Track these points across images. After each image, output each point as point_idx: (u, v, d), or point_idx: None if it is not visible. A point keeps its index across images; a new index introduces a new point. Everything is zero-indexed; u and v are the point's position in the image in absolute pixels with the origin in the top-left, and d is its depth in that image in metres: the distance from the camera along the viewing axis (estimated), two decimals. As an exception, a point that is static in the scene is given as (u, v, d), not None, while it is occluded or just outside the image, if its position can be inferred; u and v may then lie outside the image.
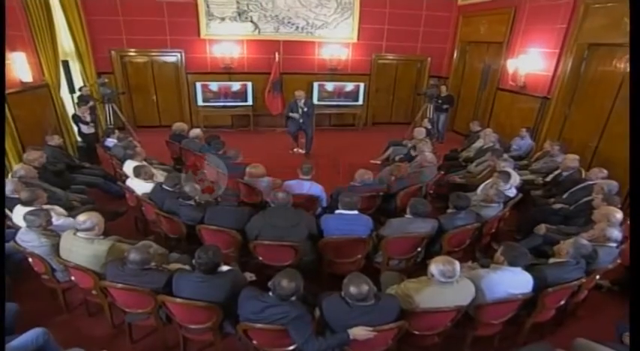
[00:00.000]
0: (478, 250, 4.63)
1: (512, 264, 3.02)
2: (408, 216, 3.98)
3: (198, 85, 10.31)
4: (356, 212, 3.91)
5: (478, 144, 7.36)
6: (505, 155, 6.19)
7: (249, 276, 3.42)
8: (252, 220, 3.80)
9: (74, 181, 5.75)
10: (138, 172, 4.77)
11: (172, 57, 10.38)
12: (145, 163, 5.41)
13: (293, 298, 2.61)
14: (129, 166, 5.16)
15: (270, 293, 2.63)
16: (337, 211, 3.94)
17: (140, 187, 4.72)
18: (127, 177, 5.07)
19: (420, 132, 7.30)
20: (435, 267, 2.78)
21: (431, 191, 5.61)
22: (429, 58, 11.43)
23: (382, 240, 3.80)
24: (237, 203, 4.12)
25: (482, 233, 4.38)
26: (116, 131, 6.67)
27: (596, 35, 6.83)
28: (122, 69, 10.27)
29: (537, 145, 7.77)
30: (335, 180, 6.80)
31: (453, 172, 6.63)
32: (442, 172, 5.85)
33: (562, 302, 3.40)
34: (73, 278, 3.44)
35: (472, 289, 2.94)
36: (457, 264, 2.78)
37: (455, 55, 10.97)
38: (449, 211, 4.51)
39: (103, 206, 5.67)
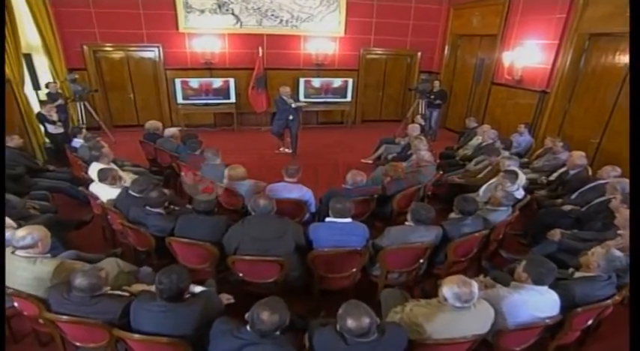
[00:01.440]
0: (485, 258, 4.17)
1: (537, 282, 2.55)
2: (409, 223, 3.50)
3: (178, 81, 9.72)
4: (349, 220, 3.42)
5: (476, 141, 6.94)
6: (506, 153, 5.77)
7: (227, 298, 2.90)
8: (229, 230, 3.30)
9: (35, 186, 5.17)
10: (103, 176, 4.22)
11: (149, 52, 9.77)
12: (112, 165, 4.86)
13: (277, 333, 2.10)
14: (94, 169, 4.59)
15: (249, 327, 2.11)
16: (328, 219, 3.45)
17: (105, 192, 4.16)
18: (92, 181, 4.50)
19: (414, 129, 6.84)
20: (449, 290, 2.30)
21: (429, 193, 5.14)
22: (419, 53, 10.99)
23: (380, 251, 3.32)
24: (214, 211, 3.58)
25: (489, 240, 3.92)
26: (83, 131, 6.05)
27: (598, 24, 6.44)
28: (96, 65, 9.62)
29: (536, 142, 7.38)
30: (324, 181, 6.35)
31: (450, 172, 6.18)
32: (441, 172, 5.38)
33: (589, 322, 2.95)
34: (16, 304, 2.88)
35: (491, 314, 2.47)
36: (475, 286, 2.30)
37: (446, 49, 10.54)
38: (452, 215, 4.08)
39: (68, 214, 5.16)
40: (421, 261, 3.49)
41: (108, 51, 9.61)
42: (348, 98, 10.82)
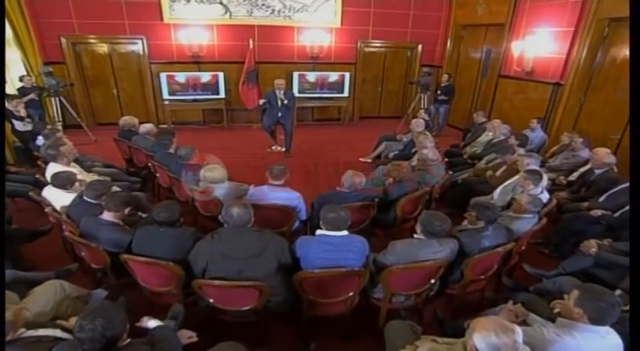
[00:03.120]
0: (505, 273, 3.55)
1: (596, 321, 1.91)
2: (418, 236, 2.88)
3: (163, 76, 9.08)
4: (345, 233, 2.78)
5: (485, 138, 6.33)
6: (521, 150, 5.15)
7: (188, 336, 2.28)
8: (196, 246, 2.67)
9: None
10: (55, 179, 3.59)
11: (133, 45, 9.13)
12: (74, 166, 4.24)
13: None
14: (50, 171, 3.97)
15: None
16: (319, 232, 2.82)
17: (58, 198, 3.54)
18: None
19: (418, 124, 6.21)
20: (483, 339, 1.64)
21: (437, 195, 4.52)
22: (421, 45, 10.34)
23: (383, 271, 2.69)
24: (179, 221, 2.95)
25: (511, 253, 3.30)
26: (48, 127, 5.40)
27: (620, 7, 5.79)
28: (75, 58, 8.98)
29: (549, 138, 6.78)
30: (320, 183, 5.77)
31: (457, 172, 5.58)
32: (450, 172, 4.76)
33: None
34: None
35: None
36: (518, 333, 1.64)
37: (449, 41, 9.88)
38: (465, 223, 3.47)
39: (28, 222, 4.52)
40: (432, 281, 2.87)
41: (88, 43, 8.97)
42: (345, 93, 10.19)
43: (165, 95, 9.27)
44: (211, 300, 2.58)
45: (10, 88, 7.54)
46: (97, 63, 9.26)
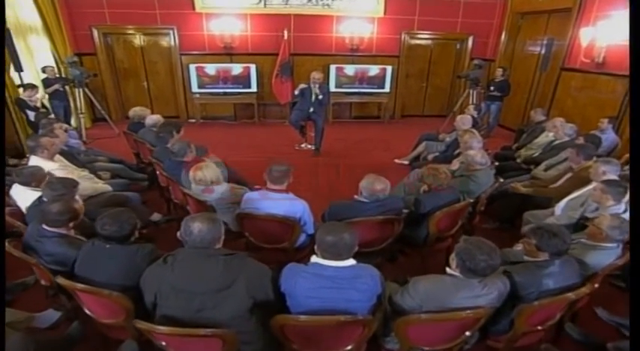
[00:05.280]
0: (568, 318, 2.67)
1: None
2: (452, 272, 2.09)
3: (192, 67, 8.66)
4: (348, 263, 2.03)
5: (544, 139, 5.38)
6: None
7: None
8: (146, 272, 2.02)
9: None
10: (20, 175, 3.06)
11: (164, 35, 8.77)
12: (58, 159, 3.75)
13: None
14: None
15: None
16: (313, 260, 2.10)
17: (24, 198, 3.01)
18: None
19: (464, 120, 5.32)
20: None
21: (482, 208, 3.69)
22: (472, 37, 9.34)
23: (400, 319, 1.94)
24: (132, 235, 2.29)
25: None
26: (50, 117, 5.02)
27: None
28: (106, 50, 8.74)
29: (622, 141, 5.70)
30: (345, 186, 5.07)
31: (510, 178, 4.69)
32: (501, 179, 3.89)
33: None
34: None
35: None
36: None
37: (504, 31, 8.84)
38: (519, 248, 2.64)
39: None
40: (467, 334, 2.08)
41: (119, 34, 8.75)
42: (387, 89, 9.36)
43: (195, 88, 8.86)
44: (164, 343, 1.91)
45: (36, 78, 7.35)
46: (128, 54, 9.02)
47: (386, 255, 3.22)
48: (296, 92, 6.63)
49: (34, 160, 3.56)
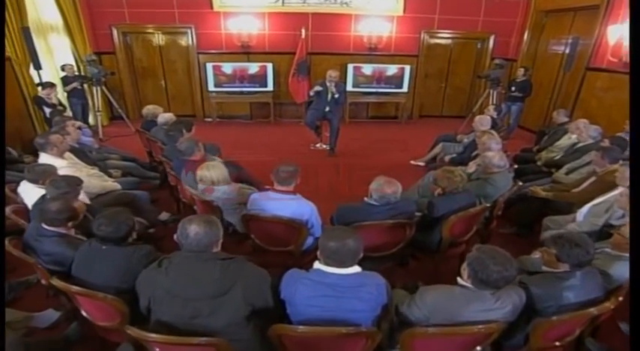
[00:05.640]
0: (588, 333, 2.50)
1: None
2: (464, 283, 1.94)
3: (209, 66, 8.65)
4: (353, 271, 1.92)
5: (566, 141, 5.17)
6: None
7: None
8: (141, 275, 1.94)
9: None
10: (30, 172, 3.05)
11: (182, 34, 8.80)
12: (68, 157, 3.73)
13: None
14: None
15: None
16: (316, 266, 1.96)
17: (31, 196, 2.98)
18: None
19: (482, 121, 5.16)
20: None
21: (499, 213, 3.53)
22: (493, 36, 9.09)
23: (407, 331, 1.82)
24: (129, 236, 2.22)
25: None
26: (64, 115, 5.04)
27: None
28: (125, 49, 8.81)
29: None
30: (358, 187, 4.94)
31: (530, 182, 4.51)
32: (520, 183, 3.72)
33: None
34: None
35: None
36: None
37: (527, 30, 8.59)
38: (537, 256, 2.50)
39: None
40: (479, 349, 1.96)
41: (138, 33, 8.81)
42: (405, 89, 9.19)
43: (211, 87, 8.86)
44: (157, 350, 1.84)
45: (56, 76, 7.45)
46: (146, 53, 9.09)
47: (397, 260, 3.09)
48: (311, 93, 6.52)
49: (44, 158, 3.55)
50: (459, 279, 1.96)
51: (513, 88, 7.70)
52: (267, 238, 2.89)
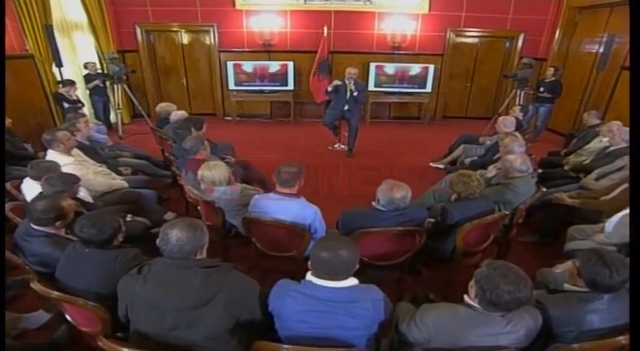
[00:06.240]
0: None
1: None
2: (470, 302, 1.72)
3: (230, 64, 8.62)
4: (346, 284, 1.74)
5: (597, 144, 4.86)
6: None
7: None
8: (120, 282, 1.81)
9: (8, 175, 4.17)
10: (34, 169, 3.00)
11: (204, 33, 8.79)
12: (75, 153, 3.69)
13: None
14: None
15: None
16: (308, 278, 1.78)
17: (32, 193, 2.93)
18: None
19: (506, 122, 4.91)
20: None
21: (520, 221, 3.31)
22: (522, 34, 8.73)
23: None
24: (114, 239, 2.08)
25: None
26: (78, 112, 5.03)
27: None
28: (148, 47, 8.87)
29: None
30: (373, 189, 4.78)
31: (555, 187, 4.24)
32: (543, 189, 3.47)
33: None
34: None
35: None
36: None
37: (558, 28, 8.21)
38: (558, 270, 2.29)
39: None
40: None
41: (161, 31, 8.84)
42: (428, 89, 8.94)
43: (232, 85, 8.82)
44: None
45: (79, 74, 7.54)
46: (169, 51, 9.13)
47: (405, 269, 2.91)
48: (329, 88, 6.37)
49: (51, 154, 3.52)
50: (465, 297, 1.76)
51: (542, 89, 7.36)
52: (269, 242, 2.76)
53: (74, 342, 2.34)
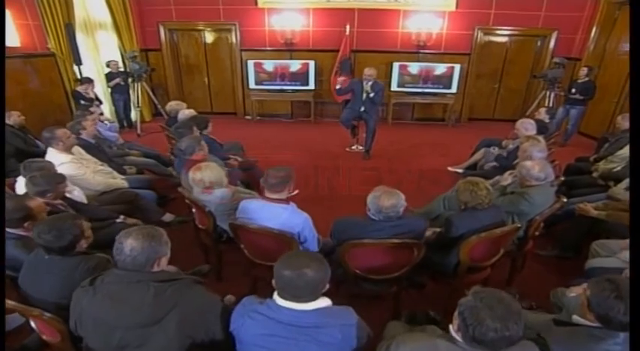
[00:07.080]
0: None
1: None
2: (454, 336, 1.45)
3: (251, 63, 8.55)
4: (311, 307, 1.56)
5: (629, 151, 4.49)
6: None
7: None
8: (74, 293, 1.68)
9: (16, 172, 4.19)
10: (26, 168, 2.95)
11: (226, 31, 8.75)
12: (77, 152, 3.65)
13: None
14: (50, 158, 3.40)
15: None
16: (274, 297, 1.60)
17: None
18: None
19: (526, 124, 4.59)
20: None
21: (537, 233, 3.04)
22: (556, 33, 8.28)
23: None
24: (76, 245, 1.94)
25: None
26: (88, 110, 5.02)
27: None
28: (171, 45, 8.91)
29: None
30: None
31: (579, 196, 3.93)
32: (564, 199, 3.18)
33: None
34: None
35: None
36: None
37: (595, 26, 7.73)
38: (573, 294, 2.05)
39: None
40: None
41: (184, 30, 8.86)
42: (453, 89, 8.61)
43: (252, 84, 8.75)
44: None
45: (102, 72, 7.63)
46: (192, 50, 9.14)
47: (404, 283, 2.70)
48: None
49: (50, 152, 3.49)
50: (450, 328, 1.50)
51: (574, 90, 6.94)
52: (256, 250, 2.61)
53: (44, 349, 2.26)
